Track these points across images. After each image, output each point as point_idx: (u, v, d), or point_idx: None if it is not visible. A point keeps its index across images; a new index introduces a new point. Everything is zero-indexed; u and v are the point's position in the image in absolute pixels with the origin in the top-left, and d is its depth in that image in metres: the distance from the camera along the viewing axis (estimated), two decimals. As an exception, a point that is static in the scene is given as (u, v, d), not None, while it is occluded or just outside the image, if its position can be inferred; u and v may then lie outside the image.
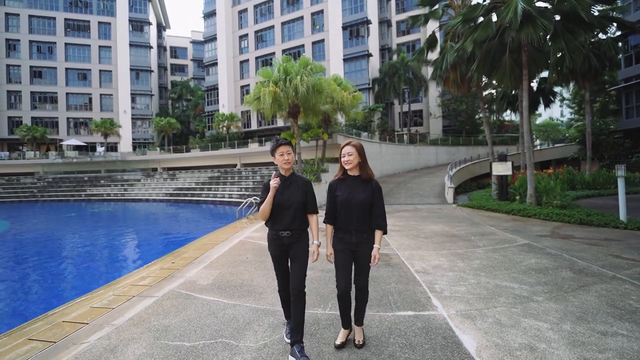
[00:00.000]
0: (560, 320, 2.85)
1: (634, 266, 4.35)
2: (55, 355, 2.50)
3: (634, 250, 5.16)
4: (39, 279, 7.03)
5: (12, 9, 40.97)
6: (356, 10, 31.13)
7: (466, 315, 3.00)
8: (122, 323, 3.00)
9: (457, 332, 2.69)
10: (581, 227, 7.28)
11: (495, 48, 10.16)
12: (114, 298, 3.65)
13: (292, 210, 2.40)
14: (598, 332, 2.64)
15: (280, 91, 11.77)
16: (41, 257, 9.08)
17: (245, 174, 22.17)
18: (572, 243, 5.77)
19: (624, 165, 7.14)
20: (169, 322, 2.99)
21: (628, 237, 6.10)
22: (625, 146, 18.55)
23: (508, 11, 8.38)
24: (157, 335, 2.74)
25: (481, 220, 8.49)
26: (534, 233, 6.68)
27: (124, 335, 2.76)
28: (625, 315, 2.93)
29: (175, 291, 3.80)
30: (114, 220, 16.39)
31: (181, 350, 2.50)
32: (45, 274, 7.45)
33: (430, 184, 17.18)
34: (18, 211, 19.74)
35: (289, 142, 2.51)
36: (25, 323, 3.32)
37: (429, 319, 2.96)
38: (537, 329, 2.71)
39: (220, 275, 4.38)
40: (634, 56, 18.90)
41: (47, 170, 29.50)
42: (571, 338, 2.56)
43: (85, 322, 3.07)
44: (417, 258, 5.00)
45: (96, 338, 2.74)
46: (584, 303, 3.21)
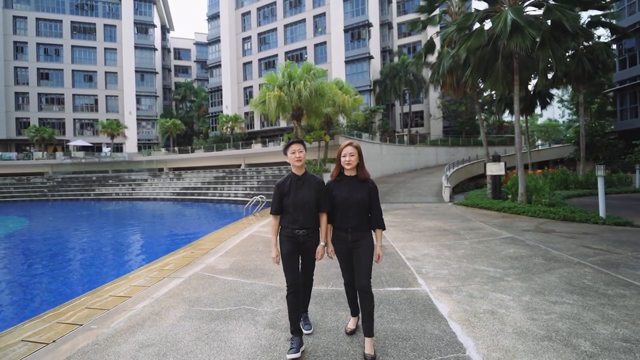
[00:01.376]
0: (521, 294, 3.46)
1: (599, 254, 4.95)
2: (112, 317, 3.14)
3: (604, 242, 5.74)
4: (77, 266, 8.00)
5: (20, 12, 41.82)
6: (357, 13, 31.73)
7: (444, 291, 3.62)
8: (160, 296, 3.64)
9: (434, 302, 3.30)
10: (564, 223, 7.87)
11: (489, 54, 10.73)
12: (149, 279, 4.28)
13: (306, 209, 2.45)
14: (549, 301, 3.25)
15: (284, 95, 12.41)
16: (71, 249, 10.04)
17: (250, 174, 22.82)
18: (552, 236, 6.35)
19: (603, 166, 7.72)
20: (198, 295, 3.62)
21: (603, 231, 6.68)
22: (619, 147, 19.06)
23: (499, 21, 8.98)
24: (191, 304, 3.38)
25: (473, 217, 9.07)
26: (519, 228, 7.27)
27: (163, 304, 3.40)
28: (576, 290, 3.54)
29: (199, 273, 4.43)
30: (129, 217, 17.12)
31: (212, 313, 3.13)
32: (81, 262, 8.38)
33: (428, 184, 17.74)
34: (33, 209, 20.46)
35: (301, 140, 2.56)
36: (77, 297, 3.96)
37: (413, 292, 3.58)
38: (501, 300, 3.32)
39: (235, 261, 5.01)
40: (628, 59, 19.40)
41: (55, 170, 30.28)
42: (526, 305, 3.16)
43: (129, 296, 3.71)
44: (409, 248, 5.61)
45: (141, 306, 3.37)
46: (545, 282, 3.82)
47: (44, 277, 7.00)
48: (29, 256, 9.02)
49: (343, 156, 2.43)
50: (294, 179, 2.51)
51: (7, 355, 2.55)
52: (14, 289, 6.47)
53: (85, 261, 8.33)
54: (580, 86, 16.84)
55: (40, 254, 9.17)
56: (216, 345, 2.56)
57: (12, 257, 9.21)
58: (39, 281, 6.75)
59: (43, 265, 7.84)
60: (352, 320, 2.74)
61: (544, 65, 9.68)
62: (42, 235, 12.02)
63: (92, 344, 2.64)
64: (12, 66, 40.99)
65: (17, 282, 6.81)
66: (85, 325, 3.00)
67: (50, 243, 10.58)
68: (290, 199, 2.46)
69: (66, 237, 11.82)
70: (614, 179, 16.05)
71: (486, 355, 2.35)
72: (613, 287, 3.59)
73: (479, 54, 10.68)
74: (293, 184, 2.49)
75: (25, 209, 20.51)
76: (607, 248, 5.35)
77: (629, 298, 3.30)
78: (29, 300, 5.80)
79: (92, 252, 9.31)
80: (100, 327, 2.93)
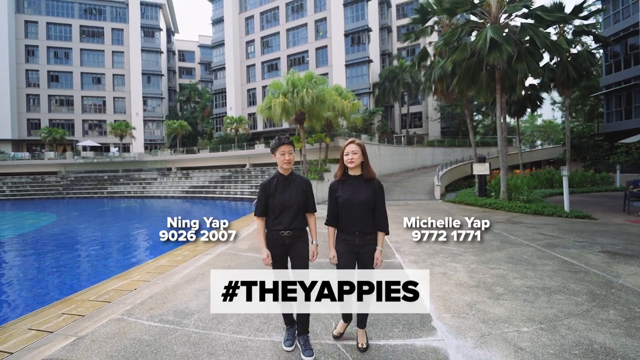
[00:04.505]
0: (470, 264, 4.62)
1: (547, 240, 6.10)
2: (170, 277, 4.33)
3: (558, 231, 6.89)
4: (124, 247, 9.95)
5: (31, 16, 43.16)
6: (357, 18, 32.85)
7: (414, 262, 4.79)
8: (200, 265, 4.83)
9: (404, 267, 4.48)
10: (534, 216, 9.00)
11: (474, 65, 11.85)
12: (187, 254, 5.48)
13: (292, 209, 2.39)
14: (489, 268, 4.41)
15: (288, 102, 13.62)
16: (112, 236, 11.83)
17: (255, 174, 24.05)
18: (517, 226, 7.50)
19: (567, 167, 8.85)
20: (229, 264, 4.81)
21: (562, 223, 7.82)
22: (604, 148, 20.12)
23: (479, 38, 10.13)
24: (225, 268, 4.56)
25: (457, 211, 10.22)
26: (493, 220, 8.38)
27: (204, 269, 4.58)
28: (512, 261, 4.70)
29: (224, 252, 5.62)
30: (150, 211, 18.62)
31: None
32: (126, 244, 10.32)
33: (423, 183, 18.88)
34: (54, 206, 21.77)
35: (291, 141, 2.45)
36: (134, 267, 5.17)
37: (390, 263, 4.75)
38: (454, 267, 4.49)
39: (252, 244, 6.19)
40: (614, 65, 20.45)
41: (68, 169, 31.62)
42: (471, 270, 4.33)
43: (175, 265, 4.90)
44: (394, 235, 6.77)
45: (188, 271, 4.57)
46: (493, 257, 4.98)
47: (104, 253, 8.94)
48: (87, 239, 11.13)
49: (346, 154, 2.35)
50: (280, 179, 2.45)
51: (108, 294, 3.74)
52: (95, 258, 8.45)
53: (129, 244, 10.06)
54: (565, 91, 17.93)
55: (94, 238, 11.15)
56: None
57: (73, 239, 11.15)
58: (107, 254, 8.40)
59: (101, 246, 9.86)
60: (342, 325, 2.62)
61: (521, 76, 10.81)
62: (84, 225, 14.10)
63: (163, 290, 3.83)
64: (24, 69, 42.35)
65: (92, 254, 8.79)
66: (152, 281, 4.19)
67: (94, 231, 12.48)
68: (276, 200, 2.39)
69: (104, 227, 13.50)
70: (597, 178, 17.12)
71: (430, 294, 3.52)
72: (542, 260, 4.76)
73: (465, 65, 11.81)
74: (279, 185, 2.42)
75: (47, 206, 21.82)
76: (557, 235, 6.50)
77: (549, 265, 4.46)
78: (109, 266, 7.62)
79: (131, 238, 10.90)
80: (164, 282, 4.12)
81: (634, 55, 18.83)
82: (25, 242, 10.94)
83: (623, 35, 19.37)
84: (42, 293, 6.20)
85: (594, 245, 5.60)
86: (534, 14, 10.45)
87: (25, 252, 9.78)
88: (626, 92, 19.65)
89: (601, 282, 3.79)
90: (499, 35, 9.83)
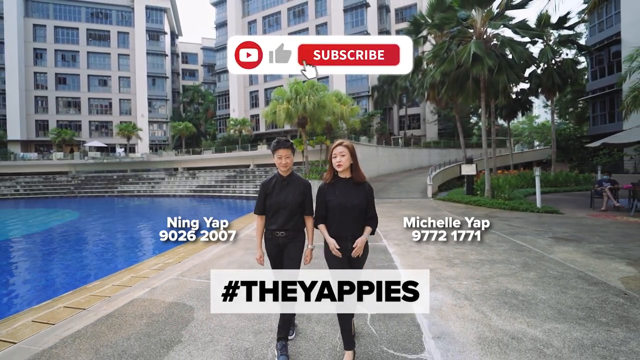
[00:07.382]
0: (440, 245, 5.79)
1: (512, 229, 7.26)
2: (202, 255, 5.49)
3: (524, 223, 8.05)
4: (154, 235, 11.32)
5: (39, 20, 44.36)
6: (357, 23, 34.03)
7: (396, 244, 5.96)
8: (224, 247, 6.00)
9: (388, 248, 5.65)
10: (511, 212, 10.16)
11: (462, 75, 13.02)
12: (200, 245, 6.65)
13: (287, 210, 2.39)
14: (455, 248, 5.58)
15: (291, 107, 14.81)
16: (137, 228, 13.29)
17: (259, 174, 25.24)
18: (492, 220, 8.64)
19: (539, 168, 10.01)
20: (248, 246, 5.98)
21: (531, 217, 8.99)
22: (589, 150, 21.25)
23: (464, 52, 11.29)
24: (246, 249, 5.74)
25: (444, 208, 11.39)
26: (473, 215, 9.57)
27: (229, 249, 5.75)
28: (474, 244, 5.86)
29: (242, 238, 6.80)
30: (163, 209, 19.93)
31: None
32: (153, 234, 11.74)
33: (418, 182, 20.05)
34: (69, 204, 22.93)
35: (291, 144, 2.43)
36: (168, 250, 6.35)
37: (377, 245, 5.92)
38: (427, 248, 5.66)
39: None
40: (599, 71, 21.61)
41: (78, 169, 32.83)
42: (439, 250, 5.50)
43: (203, 248, 6.07)
44: (384, 226, 7.94)
45: (216, 250, 5.74)
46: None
47: (144, 236, 10.26)
48: (120, 230, 12.57)
49: (334, 157, 2.32)
50: (278, 180, 2.47)
51: (160, 265, 4.90)
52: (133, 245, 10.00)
53: (156, 234, 11.21)
54: (551, 96, 19.10)
55: (126, 230, 12.61)
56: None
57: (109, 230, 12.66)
58: (145, 237, 9.81)
59: (133, 235, 11.28)
60: (347, 355, 2.32)
61: (502, 86, 11.98)
62: (108, 219, 15.43)
63: (200, 263, 5.00)
64: (32, 71, 43.55)
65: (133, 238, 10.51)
66: (189, 257, 5.36)
67: (118, 224, 13.90)
68: (272, 199, 2.42)
69: (126, 221, 14.79)
70: (580, 178, 18.28)
71: (403, 264, 4.70)
72: (499, 243, 5.92)
73: (453, 75, 12.96)
74: (277, 185, 2.45)
75: (62, 204, 23.02)
76: (521, 225, 7.67)
77: (502, 247, 5.63)
78: (145, 250, 9.19)
79: (156, 230, 12.12)
80: (201, 258, 5.30)
81: (616, 62, 19.97)
82: (66, 232, 12.72)
83: (607, 43, 20.52)
84: (105, 265, 8.06)
85: (548, 233, 6.77)
86: (514, 29, 11.63)
87: (78, 236, 11.72)
88: (609, 97, 20.82)
89: (536, 257, 4.96)
90: (481, 50, 10.99)
